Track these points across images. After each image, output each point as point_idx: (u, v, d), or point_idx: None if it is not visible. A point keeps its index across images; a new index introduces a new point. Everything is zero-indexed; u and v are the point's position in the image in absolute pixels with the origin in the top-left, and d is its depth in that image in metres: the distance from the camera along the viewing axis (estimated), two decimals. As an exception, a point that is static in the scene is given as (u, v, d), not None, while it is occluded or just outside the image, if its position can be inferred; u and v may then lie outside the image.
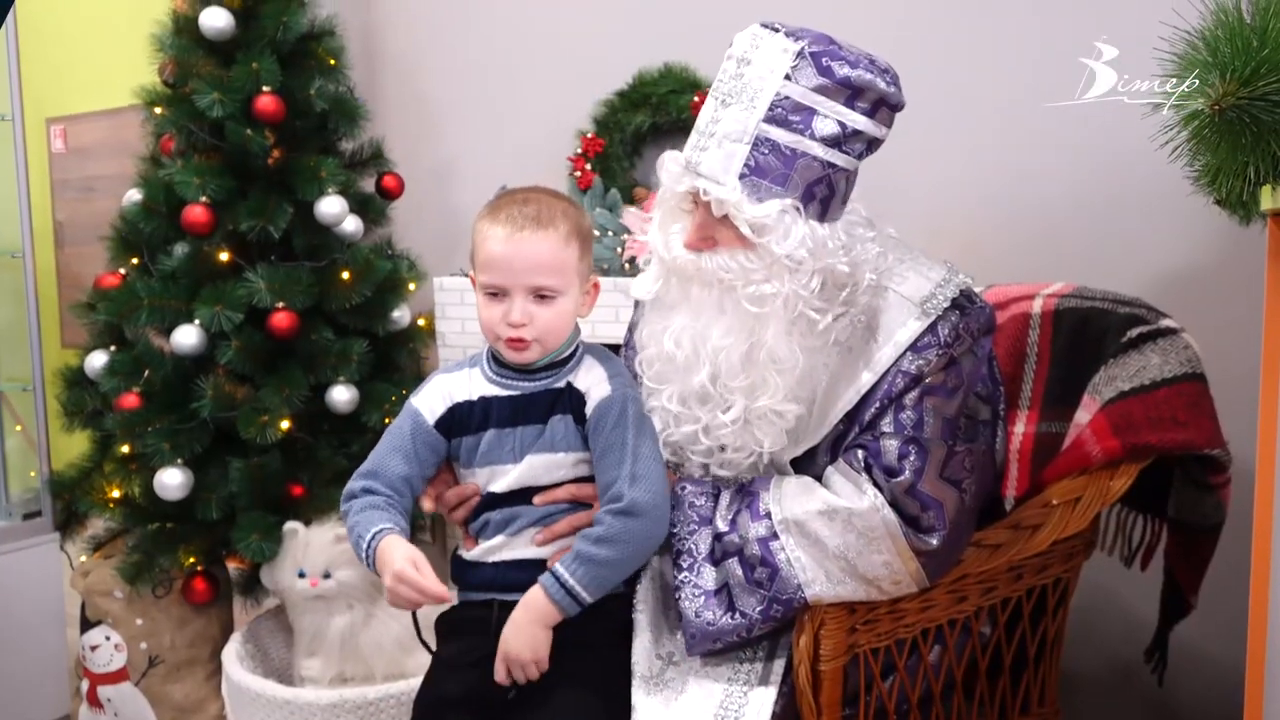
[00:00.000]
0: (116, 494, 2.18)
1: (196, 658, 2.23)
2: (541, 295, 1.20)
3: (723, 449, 1.25)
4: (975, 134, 1.91)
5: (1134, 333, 1.38)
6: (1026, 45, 1.83)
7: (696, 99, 2.20)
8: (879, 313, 1.21)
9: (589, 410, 1.23)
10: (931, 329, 1.21)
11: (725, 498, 1.26)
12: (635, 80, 2.26)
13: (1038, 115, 1.81)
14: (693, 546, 1.23)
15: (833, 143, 1.15)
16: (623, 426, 1.21)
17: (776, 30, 1.17)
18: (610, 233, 2.23)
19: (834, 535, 1.18)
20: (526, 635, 1.17)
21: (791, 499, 1.22)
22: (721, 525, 1.23)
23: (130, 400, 2.10)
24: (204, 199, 2.09)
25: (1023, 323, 1.53)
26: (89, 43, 3.49)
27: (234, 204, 2.14)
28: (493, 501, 1.27)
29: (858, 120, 1.16)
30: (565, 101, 2.39)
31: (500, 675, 1.19)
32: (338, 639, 2.05)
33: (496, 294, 1.20)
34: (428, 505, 1.31)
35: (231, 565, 2.28)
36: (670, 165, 1.21)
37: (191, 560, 2.15)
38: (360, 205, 2.30)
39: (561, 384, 1.25)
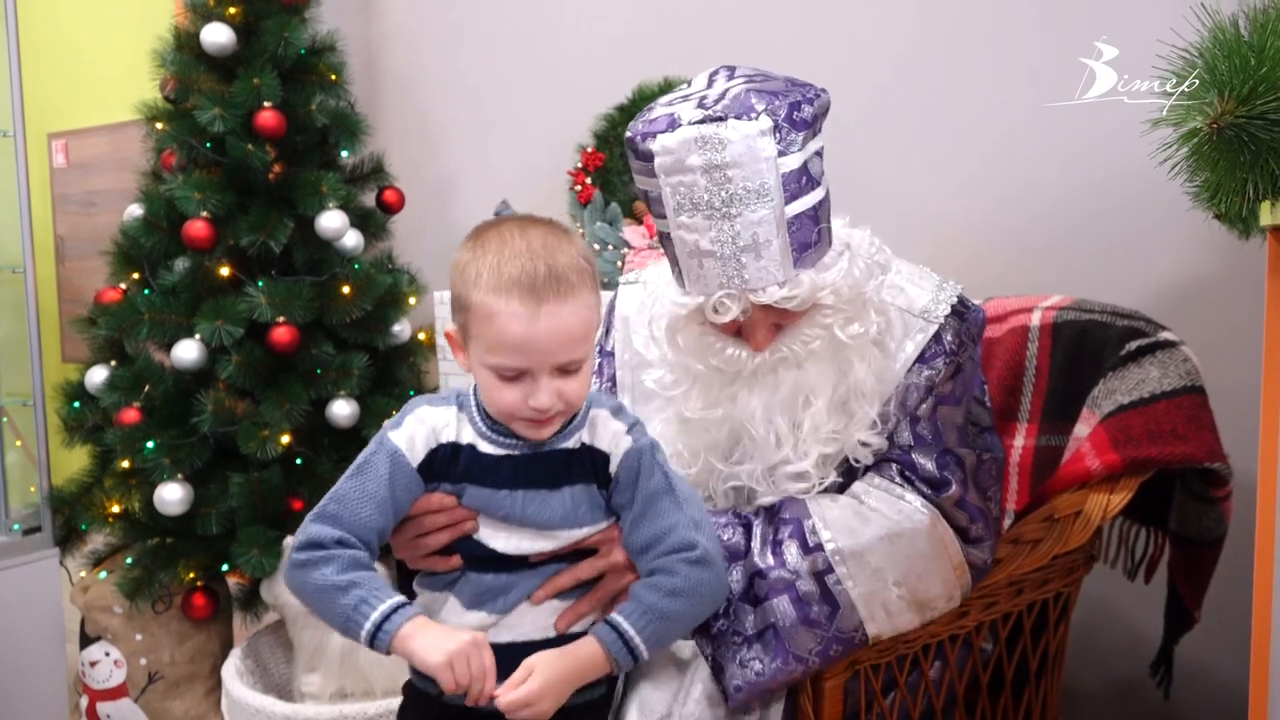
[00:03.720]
0: (116, 509, 2.18)
1: (196, 673, 2.22)
2: (567, 369, 1.01)
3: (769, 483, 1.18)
4: (973, 144, 1.91)
5: (1133, 345, 1.38)
6: (1025, 49, 1.82)
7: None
8: (885, 328, 1.20)
9: (614, 467, 1.07)
10: (936, 338, 1.21)
11: (758, 529, 1.16)
12: (635, 94, 2.27)
13: (1036, 127, 1.82)
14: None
15: (822, 173, 1.13)
16: (662, 473, 1.08)
17: (721, 120, 1.04)
18: (611, 247, 2.23)
19: (896, 565, 1.12)
20: (560, 692, 1.01)
21: (843, 526, 1.13)
22: (762, 561, 1.13)
23: (131, 415, 2.11)
24: (205, 214, 2.10)
25: (1021, 335, 1.53)
26: (90, 58, 3.51)
27: (235, 219, 2.14)
28: (484, 558, 1.06)
29: (821, 140, 1.13)
30: (565, 115, 2.40)
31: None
32: (338, 654, 2.04)
33: (514, 376, 1.00)
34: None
35: (231, 580, 2.27)
36: (715, 307, 1.10)
37: (191, 575, 2.14)
38: (361, 219, 2.30)
39: (573, 444, 1.07)
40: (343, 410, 2.17)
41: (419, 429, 1.05)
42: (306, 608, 1.04)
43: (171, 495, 2.06)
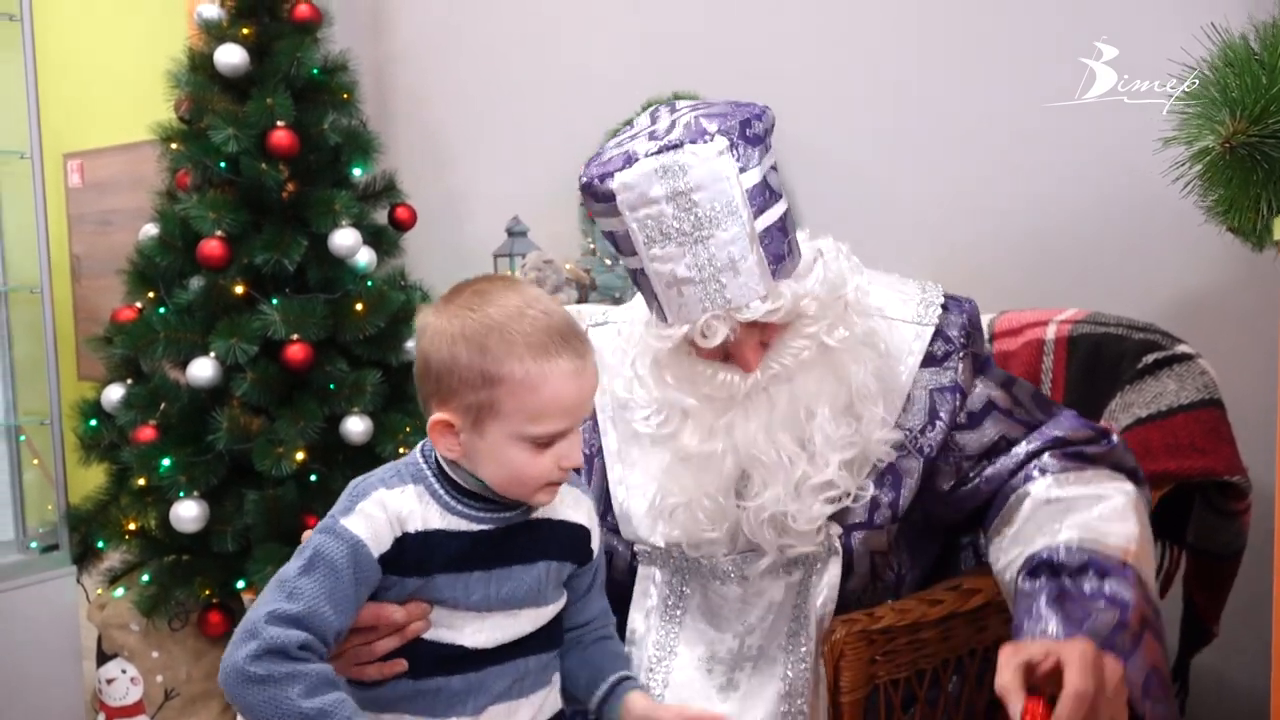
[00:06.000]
0: (133, 526, 2.19)
1: (212, 690, 2.23)
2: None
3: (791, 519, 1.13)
4: (978, 154, 1.91)
5: (1149, 359, 1.37)
6: (1033, 51, 1.83)
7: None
8: (870, 329, 1.18)
9: (596, 546, 1.06)
10: (939, 337, 1.19)
11: (1053, 615, 1.00)
12: (645, 109, 2.27)
13: (1041, 136, 1.82)
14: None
15: (780, 186, 1.13)
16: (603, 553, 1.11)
17: (678, 147, 1.04)
18: (621, 262, 2.24)
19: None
20: None
21: (1114, 531, 1.05)
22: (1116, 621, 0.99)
23: (147, 433, 2.12)
24: (219, 233, 2.12)
25: (1036, 349, 1.53)
26: (104, 79, 3.55)
27: (249, 237, 2.16)
28: (448, 659, 0.95)
29: (774, 156, 1.13)
30: (575, 131, 2.41)
31: None
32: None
33: (549, 441, 0.92)
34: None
35: (246, 597, 2.28)
36: (703, 331, 1.08)
37: (207, 592, 2.15)
38: (373, 237, 2.32)
39: (542, 514, 1.00)
40: (356, 427, 2.18)
41: (379, 516, 0.92)
42: None
43: (187, 512, 2.07)
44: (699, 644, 1.19)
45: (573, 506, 1.04)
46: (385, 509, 0.93)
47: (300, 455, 2.10)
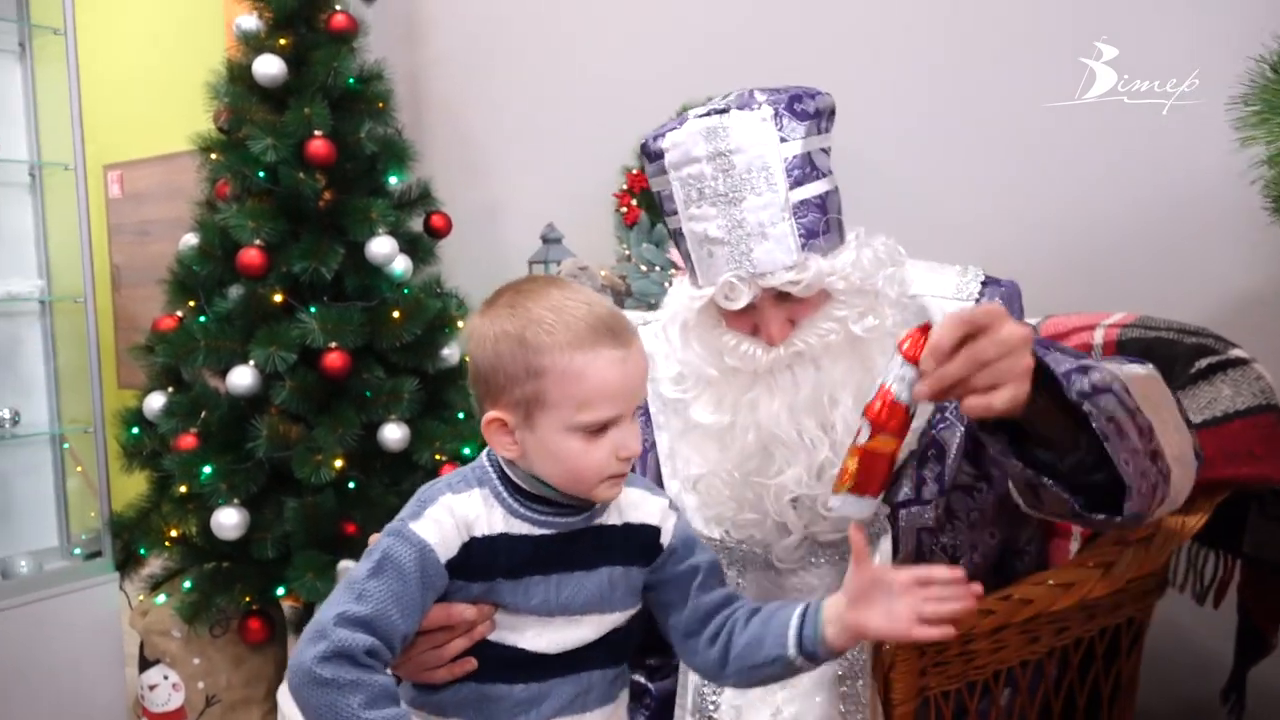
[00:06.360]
0: (174, 533, 2.21)
1: (252, 697, 2.24)
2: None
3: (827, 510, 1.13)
4: (1015, 159, 1.89)
5: (1203, 363, 1.34)
6: (1039, 51, 1.81)
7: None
8: (900, 322, 1.16)
9: (668, 540, 1.02)
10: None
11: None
12: (680, 114, 2.27)
13: (1079, 138, 1.79)
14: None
15: (829, 169, 1.15)
16: (701, 544, 1.05)
17: (725, 111, 1.09)
18: (658, 268, 2.23)
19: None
20: None
21: (1122, 371, 1.02)
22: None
23: (188, 441, 2.14)
24: (258, 242, 2.14)
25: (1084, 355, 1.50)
26: (143, 92, 3.60)
27: (287, 246, 2.18)
28: (511, 664, 0.95)
29: (831, 137, 1.16)
30: (609, 137, 2.41)
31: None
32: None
33: (601, 429, 0.92)
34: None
35: (286, 604, 2.29)
36: (725, 293, 1.10)
37: (247, 599, 2.17)
38: (409, 245, 2.33)
39: (608, 520, 0.99)
40: (394, 434, 2.18)
41: (447, 521, 0.93)
42: None
43: (228, 520, 2.09)
44: None
45: (638, 507, 1.02)
46: (453, 514, 0.93)
47: (339, 463, 2.11)
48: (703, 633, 1.02)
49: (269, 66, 2.20)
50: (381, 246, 2.20)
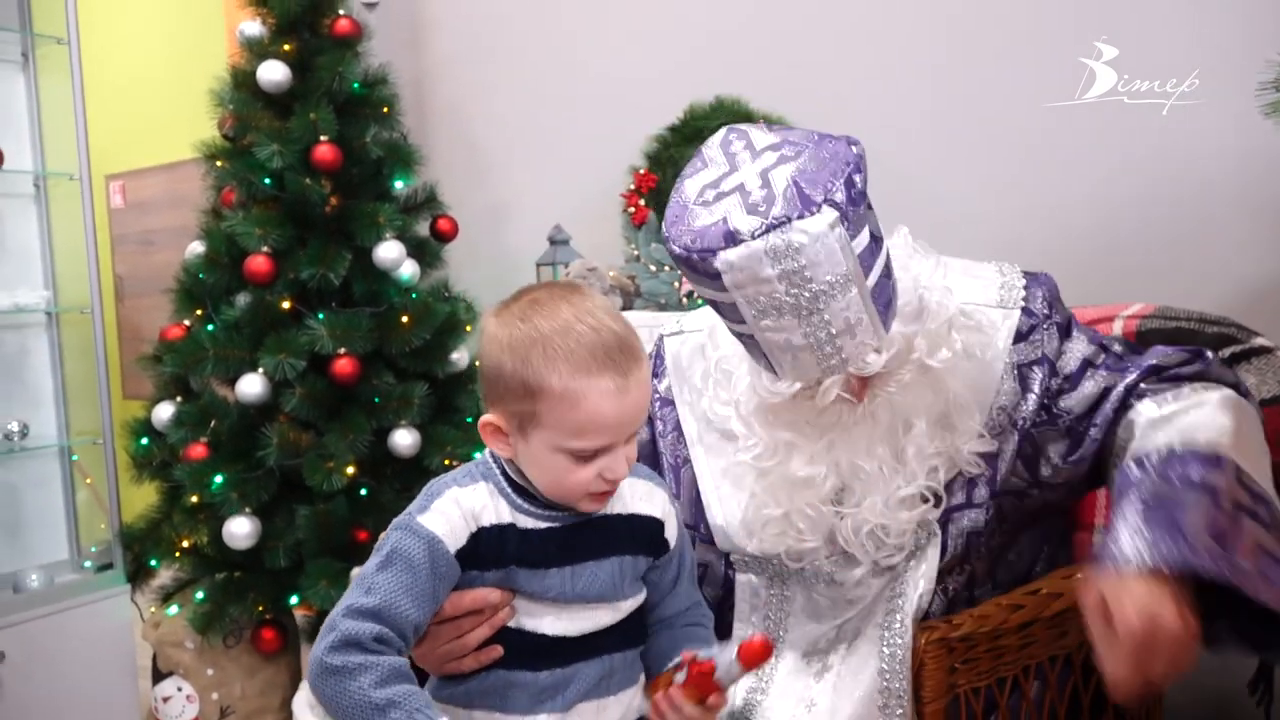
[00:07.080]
0: (186, 544, 2.19)
1: (267, 707, 2.23)
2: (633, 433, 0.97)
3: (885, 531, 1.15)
4: (1026, 152, 1.88)
5: (1226, 353, 1.33)
6: (1081, 40, 1.81)
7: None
8: (969, 342, 1.17)
9: (671, 533, 1.05)
10: (1024, 312, 1.21)
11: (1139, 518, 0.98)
12: (687, 114, 2.26)
13: (1090, 143, 1.78)
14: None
15: (879, 229, 1.08)
16: (687, 544, 1.10)
17: (785, 223, 0.97)
18: (667, 268, 2.22)
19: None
20: None
21: (1205, 427, 1.07)
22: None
23: (198, 450, 2.13)
24: (265, 249, 2.13)
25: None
26: (144, 101, 3.59)
27: (294, 253, 2.17)
28: (535, 650, 0.97)
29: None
30: (617, 137, 2.40)
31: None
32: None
33: (591, 455, 0.93)
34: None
35: (299, 613, 2.28)
36: (826, 392, 1.09)
37: (260, 609, 2.15)
38: (416, 249, 2.32)
39: (611, 509, 1.00)
40: (405, 440, 2.17)
41: (454, 513, 0.94)
42: None
43: (240, 529, 2.07)
44: (802, 642, 1.21)
45: (644, 499, 1.04)
46: (460, 505, 0.95)
47: (350, 470, 2.10)
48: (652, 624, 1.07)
49: (273, 73, 2.19)
50: (389, 251, 2.19)
